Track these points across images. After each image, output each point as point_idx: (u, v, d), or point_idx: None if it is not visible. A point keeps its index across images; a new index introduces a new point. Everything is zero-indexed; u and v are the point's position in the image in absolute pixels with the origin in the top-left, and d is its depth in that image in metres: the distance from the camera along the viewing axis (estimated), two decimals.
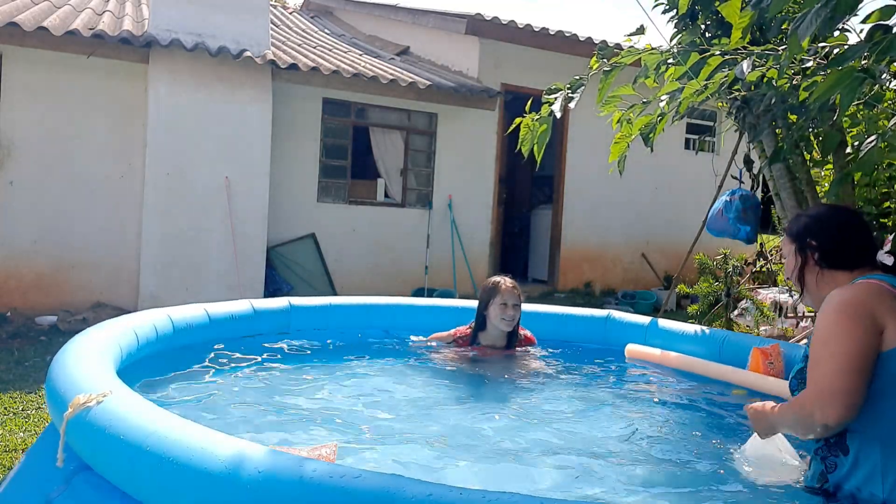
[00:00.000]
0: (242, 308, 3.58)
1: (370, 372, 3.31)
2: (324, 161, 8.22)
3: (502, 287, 3.51)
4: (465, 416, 2.70)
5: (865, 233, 1.97)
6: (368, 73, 7.85)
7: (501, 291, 3.50)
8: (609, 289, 9.80)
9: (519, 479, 2.10)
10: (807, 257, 1.97)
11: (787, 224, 2.09)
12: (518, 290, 3.56)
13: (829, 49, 2.52)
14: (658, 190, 10.07)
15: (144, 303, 6.73)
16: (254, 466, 1.42)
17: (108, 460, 1.70)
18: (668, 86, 2.85)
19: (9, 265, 6.68)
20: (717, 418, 2.89)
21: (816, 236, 1.96)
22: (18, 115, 6.64)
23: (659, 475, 2.19)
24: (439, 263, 8.70)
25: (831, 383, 1.67)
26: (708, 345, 3.52)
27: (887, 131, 2.56)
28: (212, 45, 6.98)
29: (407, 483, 1.35)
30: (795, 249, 2.00)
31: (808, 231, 1.98)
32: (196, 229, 7.05)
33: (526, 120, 3.16)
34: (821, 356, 1.73)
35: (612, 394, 3.21)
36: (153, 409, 1.75)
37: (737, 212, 4.13)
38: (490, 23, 8.68)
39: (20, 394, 4.42)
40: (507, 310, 3.49)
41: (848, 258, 1.91)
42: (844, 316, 1.73)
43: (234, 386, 2.95)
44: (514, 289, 3.54)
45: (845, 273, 1.90)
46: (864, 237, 1.95)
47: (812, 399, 1.71)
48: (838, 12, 1.76)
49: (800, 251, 1.99)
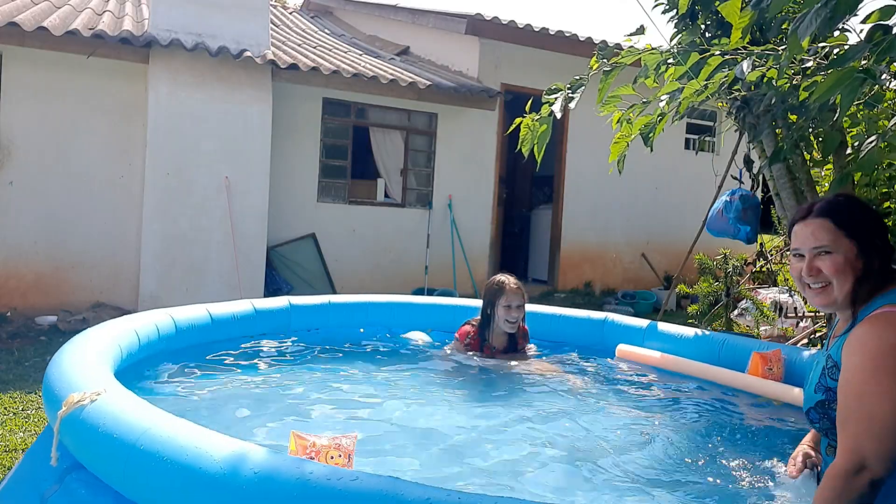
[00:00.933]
0: (243, 308, 3.58)
1: (370, 371, 3.31)
2: (324, 161, 8.22)
3: (507, 288, 3.50)
4: (465, 418, 2.69)
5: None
6: (368, 73, 7.85)
7: (507, 293, 3.49)
8: (609, 289, 9.79)
9: (519, 481, 2.10)
10: (872, 263, 1.60)
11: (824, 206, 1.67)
12: (522, 290, 3.55)
13: (829, 49, 2.52)
14: (658, 190, 10.06)
15: (144, 303, 6.73)
16: (250, 468, 1.41)
17: (100, 459, 1.69)
18: (668, 86, 2.85)
19: (9, 265, 6.68)
20: (716, 418, 2.89)
21: (880, 236, 1.60)
22: (18, 115, 6.64)
23: (658, 475, 2.19)
24: (439, 263, 8.69)
25: (873, 447, 1.45)
26: (707, 347, 3.51)
27: (887, 131, 2.55)
28: (212, 45, 6.97)
29: (404, 486, 1.34)
30: (857, 249, 1.61)
31: (875, 226, 1.61)
32: (196, 229, 7.05)
33: (526, 120, 3.15)
34: (854, 413, 1.50)
35: (613, 394, 3.21)
36: (147, 407, 1.74)
37: (737, 212, 4.13)
38: (490, 23, 8.68)
39: (20, 394, 4.41)
40: (512, 311, 3.48)
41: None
42: (883, 373, 1.48)
43: (234, 386, 2.95)
44: (519, 289, 3.53)
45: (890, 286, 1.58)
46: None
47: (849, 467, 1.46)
48: (838, 12, 1.76)
49: (861, 254, 1.60)
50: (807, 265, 1.68)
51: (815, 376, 1.74)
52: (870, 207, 1.69)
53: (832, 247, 1.62)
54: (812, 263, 1.66)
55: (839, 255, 1.61)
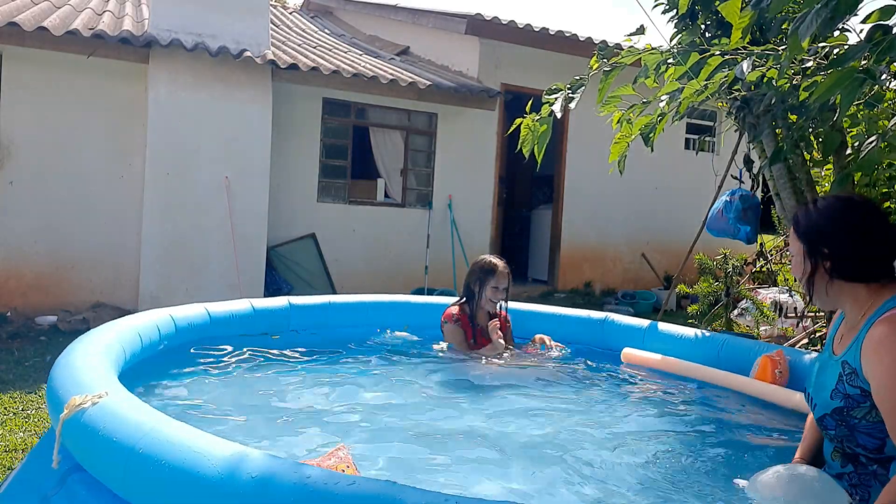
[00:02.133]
0: (242, 307, 3.58)
1: (370, 371, 3.30)
2: (324, 161, 8.22)
3: (498, 271, 3.57)
4: (465, 419, 2.69)
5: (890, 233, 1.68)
6: (368, 73, 7.84)
7: (497, 275, 3.56)
8: (609, 289, 9.79)
9: (519, 483, 2.10)
10: (817, 265, 1.71)
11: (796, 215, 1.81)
12: (508, 270, 3.63)
13: (829, 49, 2.51)
14: (658, 190, 10.06)
15: (144, 303, 6.72)
16: (247, 472, 1.41)
17: (101, 462, 1.69)
18: (668, 86, 2.85)
19: (9, 265, 6.68)
20: (716, 419, 2.89)
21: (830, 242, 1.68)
22: (18, 115, 6.64)
23: (656, 476, 2.19)
24: (439, 263, 8.69)
25: None
26: (707, 348, 3.50)
27: (887, 131, 2.55)
28: (212, 45, 6.97)
29: (402, 490, 1.33)
30: (805, 253, 1.73)
31: (821, 235, 1.70)
32: (196, 229, 7.05)
33: (526, 120, 3.15)
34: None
35: (614, 396, 3.20)
36: (148, 411, 1.73)
37: (737, 212, 4.12)
38: (490, 23, 8.68)
39: (20, 394, 4.41)
40: (498, 293, 3.56)
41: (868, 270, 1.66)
42: None
43: (233, 386, 2.95)
44: (508, 272, 3.62)
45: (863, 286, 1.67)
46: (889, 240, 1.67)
47: None
48: (838, 12, 1.76)
49: (809, 256, 1.72)
50: None
51: (828, 382, 1.73)
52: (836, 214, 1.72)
53: (792, 249, 1.81)
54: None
55: (794, 255, 1.79)
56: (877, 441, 1.61)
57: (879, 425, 1.58)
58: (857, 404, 1.62)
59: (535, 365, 3.49)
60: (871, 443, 1.62)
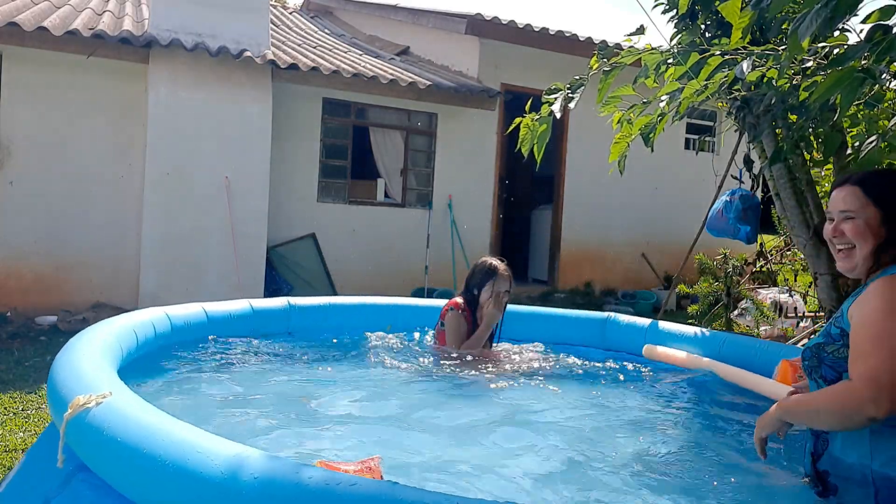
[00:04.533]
0: (241, 308, 3.58)
1: (370, 372, 3.30)
2: (324, 161, 8.22)
3: (499, 274, 3.55)
4: (465, 419, 2.69)
5: None
6: (368, 73, 7.84)
7: (499, 278, 3.54)
8: (609, 289, 9.79)
9: (519, 484, 2.09)
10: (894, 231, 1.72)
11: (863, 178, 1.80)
12: (510, 273, 3.62)
13: (829, 49, 2.51)
14: (658, 190, 10.06)
15: (144, 303, 6.72)
16: (250, 472, 1.41)
17: (105, 462, 1.69)
18: (668, 86, 2.84)
19: (9, 265, 6.68)
20: (718, 418, 2.89)
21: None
22: (18, 114, 6.64)
23: (655, 476, 2.19)
24: (439, 263, 8.69)
25: (891, 379, 1.54)
26: (709, 347, 3.50)
27: (887, 131, 2.55)
28: (212, 45, 6.97)
29: (403, 491, 1.34)
30: (881, 218, 1.73)
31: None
32: (196, 229, 7.05)
33: (526, 120, 3.15)
34: (875, 349, 1.59)
35: (615, 397, 3.20)
36: (152, 411, 1.74)
37: (737, 212, 4.13)
38: (490, 23, 8.68)
39: (20, 394, 4.41)
40: (501, 296, 3.54)
41: None
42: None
43: (233, 386, 2.94)
44: (510, 276, 3.60)
45: None
46: None
47: (865, 392, 1.56)
48: (838, 12, 1.76)
49: (886, 223, 1.72)
50: (833, 226, 1.82)
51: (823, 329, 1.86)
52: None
53: (857, 213, 1.75)
54: (837, 226, 1.81)
55: (860, 220, 1.74)
56: (835, 374, 1.75)
57: (842, 362, 1.72)
58: (833, 341, 1.76)
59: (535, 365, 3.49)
60: (830, 374, 1.77)
